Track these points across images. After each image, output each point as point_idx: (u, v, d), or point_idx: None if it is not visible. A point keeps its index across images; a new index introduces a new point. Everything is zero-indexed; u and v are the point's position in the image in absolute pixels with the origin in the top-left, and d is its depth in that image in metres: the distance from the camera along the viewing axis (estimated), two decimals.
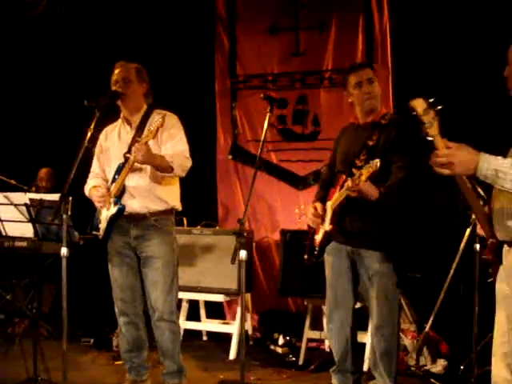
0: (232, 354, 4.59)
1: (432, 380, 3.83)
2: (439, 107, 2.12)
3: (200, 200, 5.24)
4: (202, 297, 4.70)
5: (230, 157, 5.31)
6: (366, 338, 4.18)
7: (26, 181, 5.41)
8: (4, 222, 3.66)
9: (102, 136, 3.84)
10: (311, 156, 5.09)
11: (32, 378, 3.56)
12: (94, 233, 3.75)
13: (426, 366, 4.06)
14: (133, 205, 3.60)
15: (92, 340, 4.90)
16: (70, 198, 3.22)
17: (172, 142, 3.61)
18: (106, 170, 3.76)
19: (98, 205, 3.62)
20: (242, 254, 2.92)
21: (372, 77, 3.34)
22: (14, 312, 5.16)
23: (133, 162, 3.47)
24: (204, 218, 5.16)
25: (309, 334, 4.45)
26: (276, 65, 5.16)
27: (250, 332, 5.00)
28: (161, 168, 3.51)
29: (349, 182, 3.02)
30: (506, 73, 2.41)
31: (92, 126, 3.27)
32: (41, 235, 3.62)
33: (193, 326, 4.90)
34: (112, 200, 3.60)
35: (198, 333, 5.12)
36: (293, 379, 4.06)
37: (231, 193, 5.30)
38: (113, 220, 3.62)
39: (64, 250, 3.20)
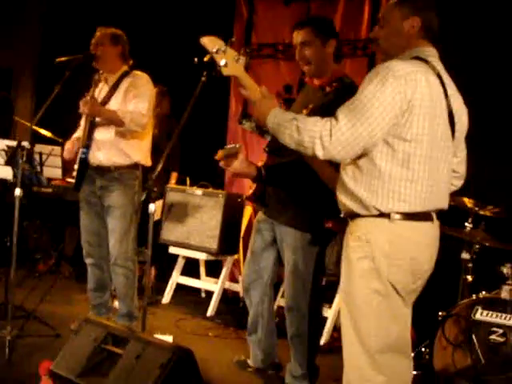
0: (210, 311, 4.81)
1: None
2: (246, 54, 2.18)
3: (209, 163, 5.43)
4: (186, 253, 4.93)
5: (242, 122, 5.43)
6: (328, 312, 4.32)
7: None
8: None
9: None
10: None
11: (3, 302, 4.02)
12: (69, 180, 4.15)
13: None
14: (99, 157, 3.92)
15: None
16: (27, 145, 3.63)
17: (135, 99, 3.86)
18: None
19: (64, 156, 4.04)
20: (151, 207, 3.11)
21: (308, 39, 2.95)
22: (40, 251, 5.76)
23: (84, 115, 3.81)
24: (211, 181, 5.36)
25: (280, 301, 4.48)
26: (287, 34, 5.18)
27: (241, 294, 5.15)
28: (111, 121, 3.79)
29: None
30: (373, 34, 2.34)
31: (60, 84, 3.63)
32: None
33: (184, 281, 5.12)
34: (81, 151, 3.97)
35: (198, 290, 5.38)
36: (242, 340, 4.10)
37: None
38: (79, 169, 3.98)
39: (18, 191, 3.58)
